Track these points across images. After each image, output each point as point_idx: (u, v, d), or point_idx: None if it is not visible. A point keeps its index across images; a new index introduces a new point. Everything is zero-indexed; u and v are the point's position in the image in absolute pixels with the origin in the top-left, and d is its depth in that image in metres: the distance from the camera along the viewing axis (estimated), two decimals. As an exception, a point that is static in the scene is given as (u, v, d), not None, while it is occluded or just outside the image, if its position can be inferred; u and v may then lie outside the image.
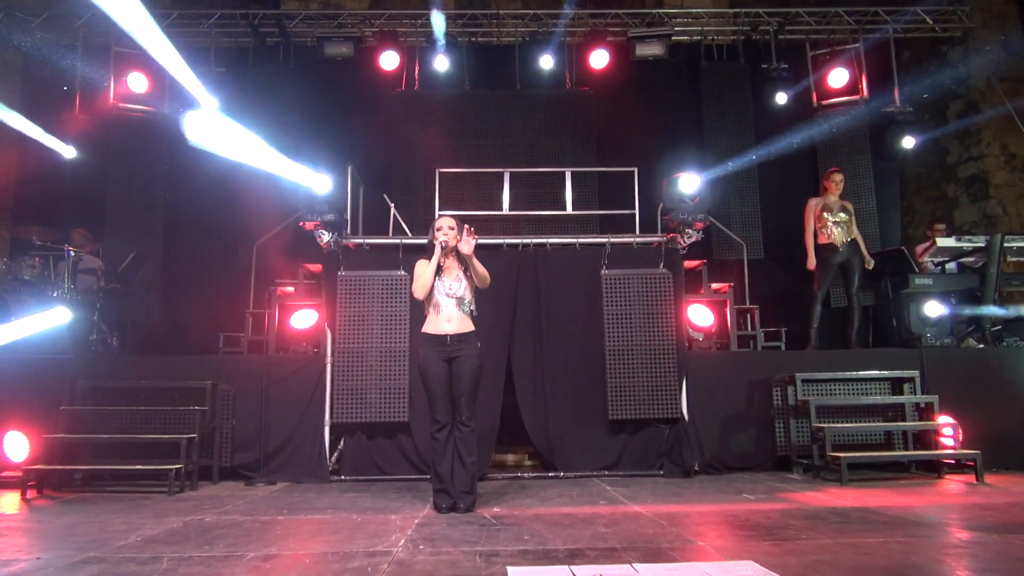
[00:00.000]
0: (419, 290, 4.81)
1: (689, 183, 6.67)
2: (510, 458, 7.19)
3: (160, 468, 5.86)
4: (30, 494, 5.62)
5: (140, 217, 8.60)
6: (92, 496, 5.61)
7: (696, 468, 6.42)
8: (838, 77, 9.19)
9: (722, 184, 8.61)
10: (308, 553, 3.65)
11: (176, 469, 5.77)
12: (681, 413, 6.52)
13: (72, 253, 7.15)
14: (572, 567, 3.31)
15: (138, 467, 5.93)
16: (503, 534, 4.01)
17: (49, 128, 8.27)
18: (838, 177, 7.48)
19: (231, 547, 3.75)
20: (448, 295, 4.82)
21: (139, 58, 8.68)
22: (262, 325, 7.04)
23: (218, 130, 6.20)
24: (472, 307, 4.89)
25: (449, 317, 4.79)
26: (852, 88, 9.17)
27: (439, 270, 4.86)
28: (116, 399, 6.33)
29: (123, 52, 8.82)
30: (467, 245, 4.76)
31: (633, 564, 3.34)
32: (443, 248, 4.79)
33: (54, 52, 8.84)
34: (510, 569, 3.30)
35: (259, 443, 6.40)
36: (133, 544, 3.84)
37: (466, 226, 4.84)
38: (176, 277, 8.60)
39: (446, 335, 4.77)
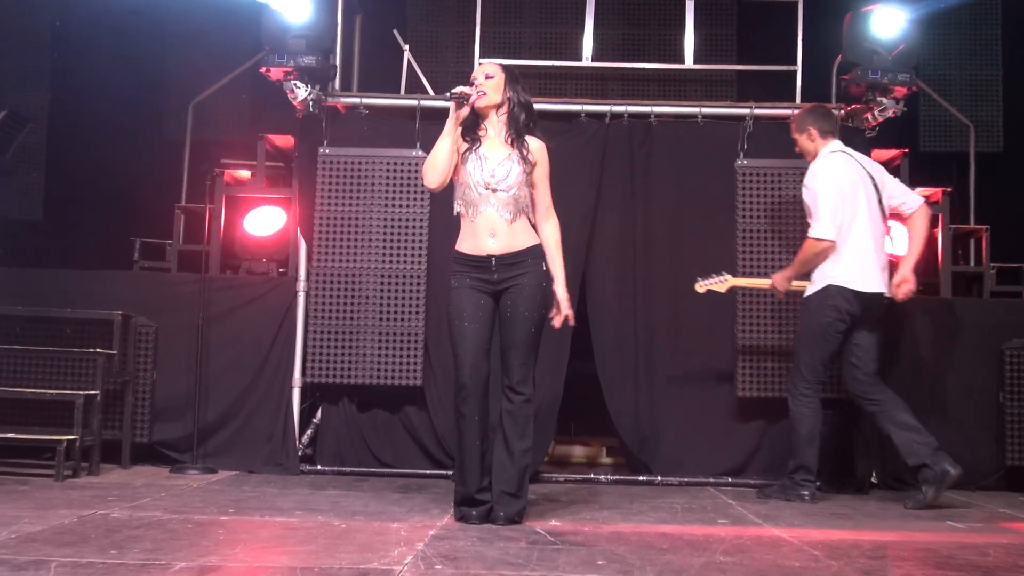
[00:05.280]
0: (428, 172, 4.80)
1: (887, 22, 6.49)
2: (578, 452, 7.42)
3: (44, 439, 6.02)
4: None
5: (14, 57, 8.65)
6: (-60, 477, 5.79)
7: (873, 480, 6.49)
8: None
9: (940, 27, 8.39)
10: (265, 566, 3.72)
11: (68, 442, 5.87)
12: (853, 393, 6.57)
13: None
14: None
15: (10, 436, 6.10)
16: (565, 556, 4.02)
17: None
18: None
19: (151, 553, 3.80)
20: (491, 187, 4.77)
21: None
22: (200, 229, 7.02)
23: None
24: (530, 209, 4.88)
25: (493, 227, 4.76)
26: None
27: (475, 144, 4.84)
28: (-22, 334, 6.48)
29: None
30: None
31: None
32: (459, 99, 4.74)
33: None
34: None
35: (192, 410, 6.53)
36: (5, 543, 3.93)
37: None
38: (70, 151, 8.63)
39: (489, 256, 4.76)
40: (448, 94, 4.74)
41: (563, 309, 4.89)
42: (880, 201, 5.98)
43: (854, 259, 5.80)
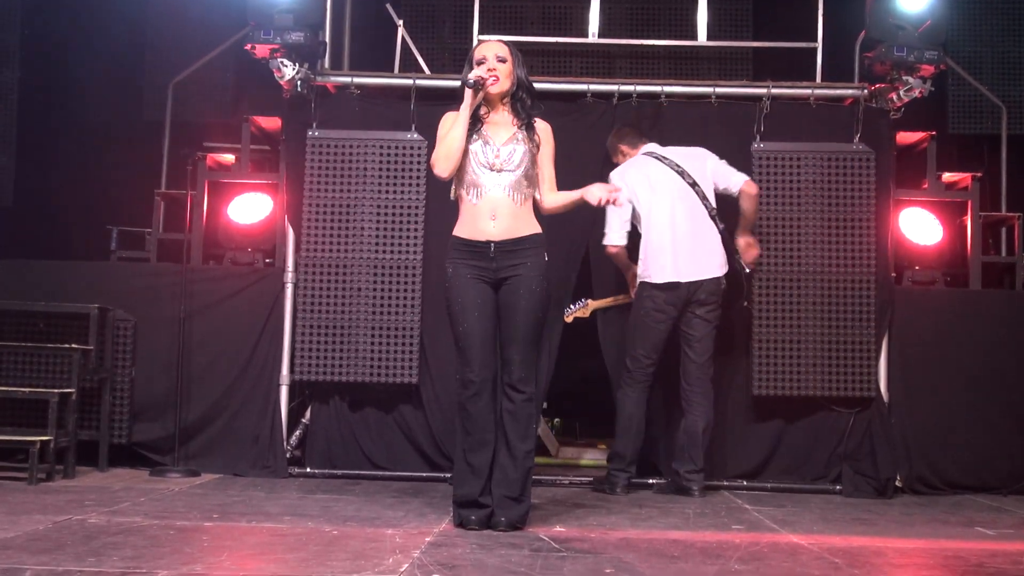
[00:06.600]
0: (441, 160, 4.82)
1: (914, -4, 6.47)
2: (583, 454, 7.33)
3: (16, 440, 6.03)
4: None
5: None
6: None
7: (898, 483, 6.49)
8: None
9: (970, 1, 8.41)
10: (253, 575, 3.74)
11: (42, 443, 5.87)
12: (877, 390, 6.56)
13: None
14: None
15: (-21, 437, 6.08)
16: (570, 564, 4.02)
17: None
18: None
19: (131, 561, 3.80)
20: (492, 168, 4.80)
21: None
22: (181, 216, 7.02)
23: None
24: (536, 191, 4.93)
25: (494, 210, 4.80)
26: None
27: (478, 125, 4.85)
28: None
29: None
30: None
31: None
32: (477, 87, 4.77)
33: None
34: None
35: (174, 409, 6.52)
36: (-25, 550, 3.92)
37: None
38: (42, 133, 8.60)
39: (488, 241, 4.79)
40: (469, 79, 4.74)
41: (597, 191, 4.84)
42: (699, 192, 6.26)
43: (652, 255, 6.18)
